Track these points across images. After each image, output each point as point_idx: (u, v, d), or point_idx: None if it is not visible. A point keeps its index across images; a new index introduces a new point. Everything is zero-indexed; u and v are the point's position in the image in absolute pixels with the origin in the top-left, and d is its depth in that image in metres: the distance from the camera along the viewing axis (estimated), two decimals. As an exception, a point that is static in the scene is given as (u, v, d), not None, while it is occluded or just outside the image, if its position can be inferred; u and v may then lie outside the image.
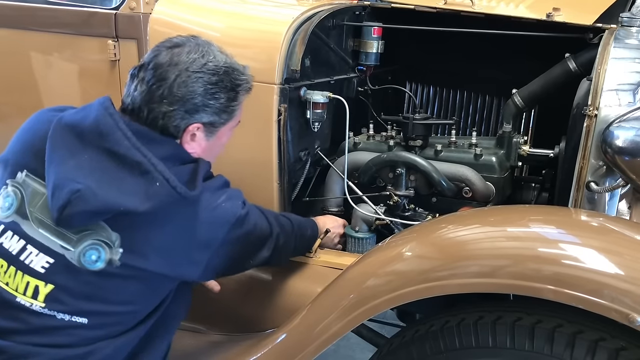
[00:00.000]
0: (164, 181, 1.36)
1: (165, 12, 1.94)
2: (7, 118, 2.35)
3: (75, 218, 1.33)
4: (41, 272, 1.39)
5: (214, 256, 1.49)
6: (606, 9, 1.96)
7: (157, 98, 1.42)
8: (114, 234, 1.38)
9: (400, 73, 2.44)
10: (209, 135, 1.52)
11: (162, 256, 1.42)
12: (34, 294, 1.39)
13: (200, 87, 1.43)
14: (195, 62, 1.43)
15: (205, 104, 1.45)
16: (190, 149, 1.50)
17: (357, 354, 2.65)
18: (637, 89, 1.58)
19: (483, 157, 1.92)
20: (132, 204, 1.34)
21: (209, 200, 1.47)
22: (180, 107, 1.43)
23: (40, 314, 1.39)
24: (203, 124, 1.48)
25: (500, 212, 1.61)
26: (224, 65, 1.48)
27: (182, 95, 1.42)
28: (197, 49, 1.46)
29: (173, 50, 1.45)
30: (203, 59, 1.45)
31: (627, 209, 1.74)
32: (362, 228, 1.96)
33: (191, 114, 1.45)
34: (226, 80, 1.47)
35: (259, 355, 1.59)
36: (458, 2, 2.06)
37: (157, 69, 1.43)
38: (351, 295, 1.44)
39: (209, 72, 1.45)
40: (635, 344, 1.22)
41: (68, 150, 1.38)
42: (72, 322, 1.40)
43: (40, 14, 2.10)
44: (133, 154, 1.36)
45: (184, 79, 1.42)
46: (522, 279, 1.24)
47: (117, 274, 1.39)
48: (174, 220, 1.42)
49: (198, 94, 1.44)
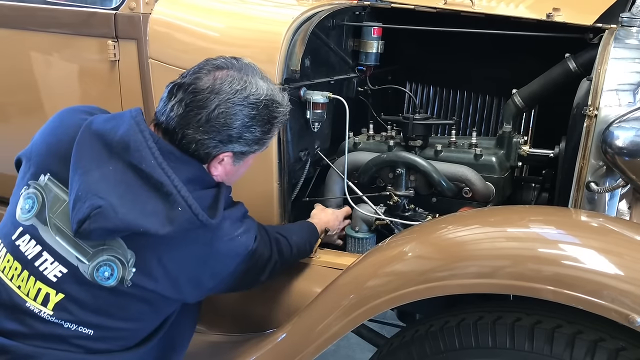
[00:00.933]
0: (186, 207, 1.35)
1: (165, 12, 1.94)
2: (7, 118, 2.35)
3: (94, 233, 1.33)
4: (53, 280, 1.39)
5: (218, 284, 1.51)
6: (606, 9, 1.96)
7: (194, 124, 1.40)
8: (129, 252, 1.38)
9: (400, 73, 2.44)
10: (237, 162, 1.52)
11: (171, 280, 1.42)
12: (43, 301, 1.39)
13: (238, 120, 1.42)
14: (237, 94, 1.41)
15: (240, 136, 1.44)
16: (215, 171, 1.49)
17: (357, 354, 2.65)
18: (637, 89, 1.57)
19: (483, 157, 1.92)
20: (153, 226, 1.33)
21: (228, 230, 1.47)
22: (216, 136, 1.42)
23: (48, 322, 1.39)
24: (234, 153, 1.48)
25: (500, 212, 1.60)
26: (265, 99, 1.46)
27: (219, 126, 1.41)
28: (240, 77, 1.43)
29: (216, 74, 1.42)
30: (245, 91, 1.43)
31: (627, 209, 1.74)
32: (362, 228, 1.96)
33: (225, 144, 1.44)
34: (264, 114, 1.46)
35: (258, 355, 1.59)
36: (458, 2, 2.06)
37: (197, 94, 1.40)
38: (351, 296, 1.44)
39: (250, 105, 1.43)
40: (634, 345, 1.22)
41: (94, 160, 1.37)
42: (78, 332, 1.40)
43: (39, 14, 2.10)
44: (158, 174, 1.35)
45: (224, 110, 1.40)
46: (521, 280, 1.24)
47: (126, 292, 1.40)
48: (190, 246, 1.42)
49: (235, 127, 1.42)
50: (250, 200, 1.94)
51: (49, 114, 2.16)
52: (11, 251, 1.44)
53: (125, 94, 2.02)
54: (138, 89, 1.99)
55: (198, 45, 1.91)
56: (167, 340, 1.55)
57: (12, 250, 1.44)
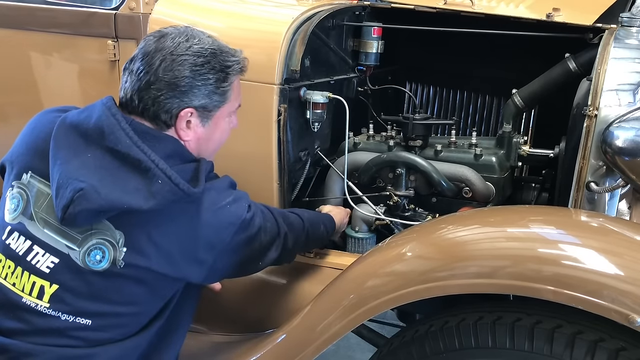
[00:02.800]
0: (166, 178, 1.36)
1: (165, 12, 1.94)
2: (7, 118, 2.35)
3: (79, 217, 1.33)
4: (46, 272, 1.40)
5: (218, 259, 1.48)
6: (606, 9, 1.96)
7: (144, 85, 1.42)
8: (117, 232, 1.38)
9: (400, 73, 2.44)
10: (205, 121, 1.50)
11: (165, 255, 1.41)
12: (39, 294, 1.39)
13: (186, 69, 1.42)
14: (179, 46, 1.43)
15: (193, 85, 1.44)
16: (187, 136, 1.48)
17: (357, 354, 2.65)
18: (637, 89, 1.57)
19: (483, 157, 1.92)
20: (136, 202, 1.33)
21: (214, 199, 1.46)
22: (169, 90, 1.42)
23: (45, 315, 1.39)
24: (195, 108, 1.46)
25: (500, 212, 1.61)
26: (210, 48, 1.47)
27: (169, 78, 1.42)
28: (181, 34, 1.46)
29: (159, 38, 1.46)
30: (187, 42, 1.44)
31: (627, 209, 1.74)
32: (362, 228, 1.96)
33: (180, 97, 1.43)
34: (214, 62, 1.46)
35: (259, 356, 1.59)
36: (458, 2, 2.06)
37: (144, 57, 1.43)
38: (351, 296, 1.44)
39: (194, 54, 1.44)
40: (634, 345, 1.22)
41: (72, 149, 1.38)
42: (76, 323, 1.40)
43: (39, 14, 2.10)
44: (134, 152, 1.36)
45: (169, 63, 1.42)
46: (521, 280, 1.24)
47: (120, 274, 1.39)
48: (177, 219, 1.41)
49: (184, 76, 1.42)
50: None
51: (49, 114, 2.19)
52: (2, 251, 1.45)
53: (125, 94, 2.02)
54: (138, 89, 1.99)
55: (198, 45, 1.91)
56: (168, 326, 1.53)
57: (3, 249, 1.45)
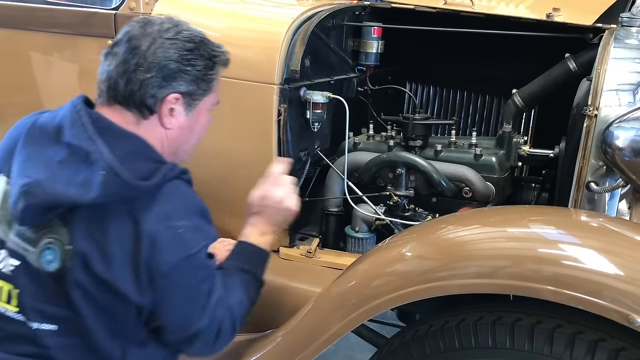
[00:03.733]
0: (109, 168, 1.28)
1: (165, 12, 1.93)
2: (7, 118, 2.34)
3: (27, 213, 1.29)
4: (10, 275, 1.36)
5: (152, 283, 1.32)
6: (606, 9, 1.96)
7: (132, 67, 1.36)
8: (64, 229, 1.32)
9: (400, 73, 2.44)
10: (188, 110, 1.45)
11: (104, 255, 1.31)
12: (8, 298, 1.36)
13: (175, 52, 1.38)
14: (168, 30, 1.40)
15: (182, 70, 1.39)
16: (169, 124, 1.43)
17: (357, 354, 2.65)
18: (637, 89, 1.57)
19: (483, 157, 1.92)
20: (78, 194, 1.28)
21: (168, 213, 1.33)
22: (157, 73, 1.36)
23: (14, 320, 1.35)
24: (182, 95, 1.41)
25: (500, 212, 1.61)
26: (200, 35, 1.44)
27: (158, 61, 1.36)
28: (169, 20, 1.43)
29: (145, 24, 1.41)
30: (177, 27, 1.41)
31: (627, 209, 1.74)
32: (362, 228, 1.96)
33: (168, 81, 1.38)
34: (202, 49, 1.43)
35: (259, 356, 1.59)
36: (458, 2, 2.06)
37: (131, 40, 1.38)
38: (351, 296, 1.44)
39: (184, 39, 1.40)
40: (635, 345, 1.22)
41: (34, 148, 1.36)
42: (43, 329, 1.34)
43: (39, 14, 2.10)
44: (86, 145, 1.31)
45: (159, 45, 1.37)
46: (521, 280, 1.24)
47: (67, 278, 1.31)
48: (119, 216, 1.31)
49: (174, 60, 1.38)
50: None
51: (49, 114, 2.19)
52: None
53: (125, 94, 2.02)
54: (138, 89, 1.99)
55: (198, 45, 1.91)
56: None
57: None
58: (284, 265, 1.93)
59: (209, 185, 2.02)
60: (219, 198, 2.03)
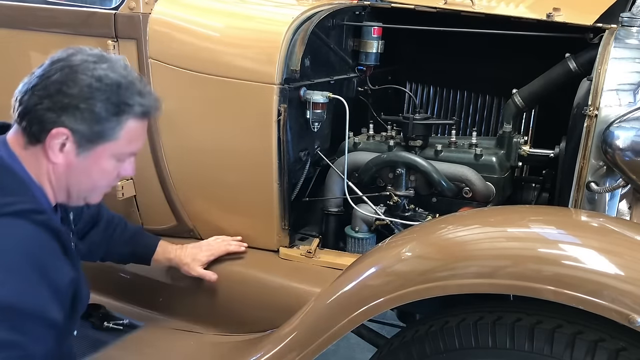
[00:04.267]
0: None
1: (165, 12, 1.94)
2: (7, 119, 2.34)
3: None
4: None
5: None
6: (606, 9, 1.96)
7: (31, 88, 1.30)
8: None
9: (400, 73, 2.44)
10: (81, 151, 1.33)
11: None
12: None
13: (75, 86, 1.28)
14: (83, 64, 1.30)
15: (75, 106, 1.28)
16: (55, 158, 1.32)
17: (357, 354, 2.65)
18: (638, 89, 1.57)
19: (483, 157, 1.92)
20: None
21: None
22: (49, 100, 1.28)
23: None
24: (72, 132, 1.29)
25: (500, 212, 1.60)
26: (118, 79, 1.32)
27: (55, 88, 1.28)
28: (95, 56, 1.33)
29: (74, 53, 1.34)
30: (97, 64, 1.31)
31: (628, 209, 1.74)
32: (362, 228, 1.96)
33: (57, 112, 1.28)
34: (111, 93, 1.31)
35: (259, 356, 1.59)
36: (458, 2, 2.06)
37: (51, 63, 1.32)
38: (351, 296, 1.43)
39: (95, 76, 1.29)
40: (635, 345, 1.22)
41: None
42: None
43: (39, 14, 2.10)
44: None
45: (65, 74, 1.29)
46: (522, 280, 1.24)
47: None
48: None
49: (71, 93, 1.28)
50: (250, 200, 1.95)
51: (48, 114, 2.18)
52: None
53: (125, 94, 2.02)
54: (138, 89, 1.99)
55: (198, 45, 1.91)
56: None
57: None
58: (284, 265, 1.93)
59: (209, 185, 2.03)
60: (219, 197, 2.03)
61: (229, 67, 1.86)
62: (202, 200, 2.06)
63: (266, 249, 1.99)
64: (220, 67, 1.87)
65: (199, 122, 1.95)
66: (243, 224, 2.01)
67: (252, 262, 1.95)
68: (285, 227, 1.94)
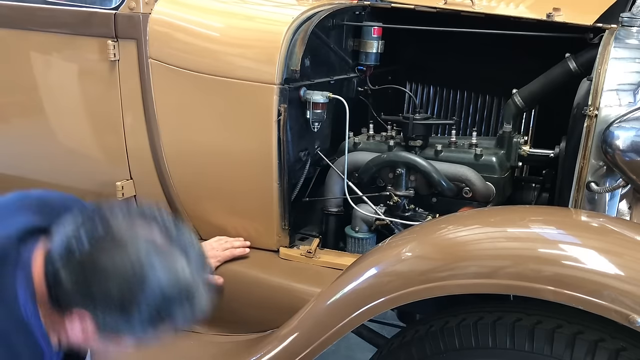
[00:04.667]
0: None
1: (165, 12, 1.94)
2: (7, 118, 2.35)
3: None
4: None
5: None
6: (606, 9, 1.96)
7: (71, 249, 1.11)
8: None
9: (400, 73, 2.44)
10: (102, 333, 1.17)
11: None
12: None
13: (116, 281, 1.09)
14: (143, 253, 1.09)
15: (104, 300, 1.10)
16: (72, 332, 1.17)
17: (357, 354, 2.65)
18: (638, 89, 1.57)
19: (483, 157, 1.92)
20: None
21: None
22: (76, 279, 1.11)
23: None
24: (93, 317, 1.13)
25: (500, 212, 1.61)
26: (178, 286, 1.12)
27: (88, 270, 1.10)
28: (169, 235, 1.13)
29: (133, 224, 1.13)
30: (159, 258, 1.10)
31: (628, 210, 1.74)
32: (362, 228, 1.96)
33: (82, 295, 1.11)
34: (157, 303, 1.11)
35: (259, 356, 1.59)
36: (458, 2, 2.06)
37: (107, 227, 1.11)
38: (351, 296, 1.43)
39: (142, 277, 1.09)
40: (635, 345, 1.22)
41: None
42: None
43: (39, 14, 2.10)
44: None
45: (110, 261, 1.09)
46: (522, 280, 1.24)
47: None
48: None
49: (104, 285, 1.10)
50: (250, 200, 1.95)
51: (48, 115, 2.18)
52: None
53: (125, 94, 2.02)
54: (138, 89, 1.99)
55: (198, 45, 1.91)
56: None
57: None
58: (284, 265, 1.93)
59: (209, 185, 2.03)
60: (219, 198, 2.03)
61: (229, 67, 1.86)
62: (202, 200, 2.06)
63: (266, 249, 1.98)
64: (220, 67, 1.87)
65: (199, 122, 1.95)
66: (243, 223, 2.01)
67: (252, 262, 1.95)
68: (285, 227, 1.94)
